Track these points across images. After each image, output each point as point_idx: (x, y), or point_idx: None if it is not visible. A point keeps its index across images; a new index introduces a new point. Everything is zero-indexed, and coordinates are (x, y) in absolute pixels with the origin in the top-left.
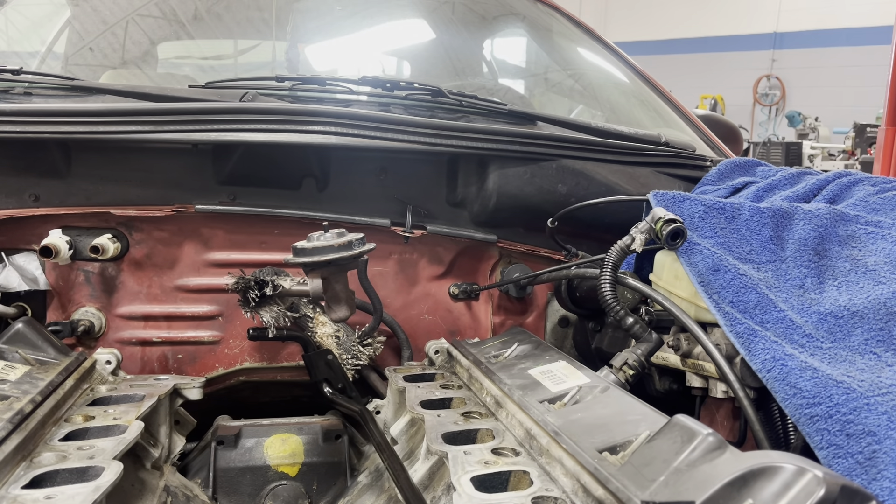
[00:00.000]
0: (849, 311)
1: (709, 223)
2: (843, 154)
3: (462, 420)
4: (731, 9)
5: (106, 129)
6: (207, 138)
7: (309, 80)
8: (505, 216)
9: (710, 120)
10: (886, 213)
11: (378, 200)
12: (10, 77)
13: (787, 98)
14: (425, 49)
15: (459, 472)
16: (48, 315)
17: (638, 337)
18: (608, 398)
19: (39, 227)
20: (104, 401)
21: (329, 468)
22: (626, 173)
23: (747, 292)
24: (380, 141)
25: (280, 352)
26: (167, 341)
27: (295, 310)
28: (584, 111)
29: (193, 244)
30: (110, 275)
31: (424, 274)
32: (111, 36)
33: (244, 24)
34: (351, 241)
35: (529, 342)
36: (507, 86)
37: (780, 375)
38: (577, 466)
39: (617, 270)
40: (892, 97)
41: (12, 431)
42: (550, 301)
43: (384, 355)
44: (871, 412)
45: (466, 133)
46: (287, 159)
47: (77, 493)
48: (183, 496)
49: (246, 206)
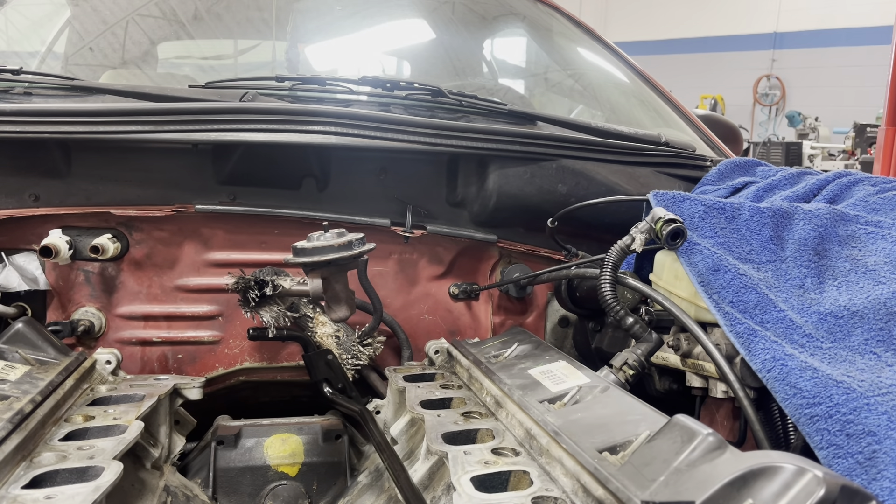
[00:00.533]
0: (849, 311)
1: (709, 223)
2: (843, 154)
3: (462, 420)
4: (731, 9)
5: (106, 129)
6: (207, 138)
7: (309, 80)
8: (505, 216)
9: (710, 120)
10: (886, 213)
11: (378, 200)
12: (10, 77)
13: (787, 98)
14: (425, 49)
15: (459, 472)
16: (48, 315)
17: (638, 337)
18: (608, 398)
19: (39, 227)
20: (104, 401)
21: (329, 468)
22: (626, 173)
23: (747, 292)
24: (380, 141)
25: (280, 352)
26: (167, 341)
27: (295, 310)
28: (584, 111)
29: (193, 244)
30: (110, 275)
31: (424, 274)
32: (111, 36)
33: (244, 24)
34: (351, 241)
35: (529, 342)
36: (507, 86)
37: (780, 375)
38: (577, 466)
39: (617, 270)
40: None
41: (12, 431)
42: (550, 301)
43: (384, 355)
44: (871, 412)
45: (466, 133)
46: (287, 159)
47: (77, 493)
48: (183, 496)
49: (246, 206)
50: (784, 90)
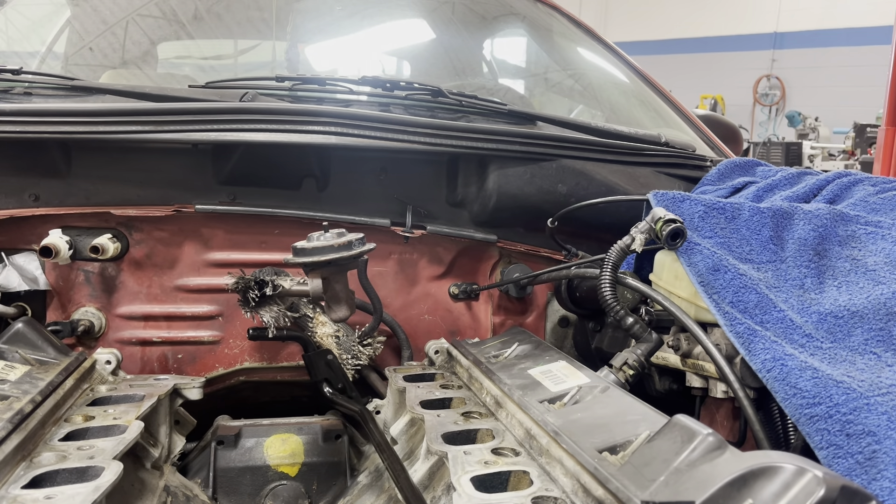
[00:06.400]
0: (849, 311)
1: (709, 223)
2: (843, 154)
3: (462, 420)
4: (731, 9)
5: (106, 129)
6: (207, 138)
7: (309, 80)
8: (505, 216)
9: (710, 120)
10: (886, 213)
11: (378, 200)
12: (10, 77)
13: (787, 98)
14: (425, 49)
15: (459, 472)
16: (48, 315)
17: (638, 337)
18: (608, 398)
19: (39, 227)
20: (104, 401)
21: (329, 468)
22: (626, 173)
23: (747, 292)
24: (380, 141)
25: (280, 352)
26: (167, 341)
27: (295, 310)
28: (584, 111)
29: (193, 244)
30: (110, 275)
31: (424, 274)
32: (111, 36)
33: (244, 24)
34: (351, 241)
35: (529, 342)
36: (507, 86)
37: (780, 375)
38: (577, 466)
39: (617, 270)
40: (892, 97)
41: (12, 431)
42: (550, 301)
43: (384, 355)
44: (871, 412)
45: (466, 133)
46: (287, 159)
47: (77, 493)
48: (183, 496)
49: (246, 206)
50: (784, 90)
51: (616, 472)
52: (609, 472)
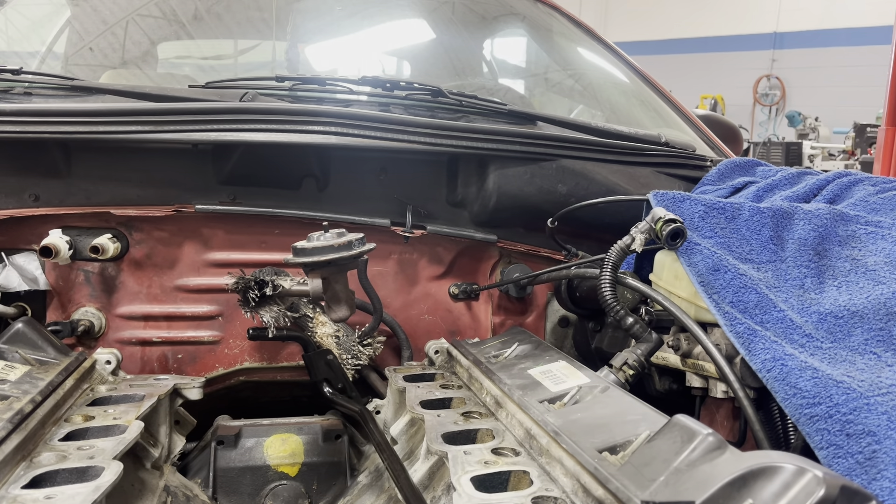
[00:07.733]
0: (849, 311)
1: (709, 223)
2: (843, 154)
3: (462, 420)
4: (731, 9)
5: (106, 129)
6: (207, 138)
7: (309, 80)
8: (505, 216)
9: (710, 120)
10: (886, 213)
11: (378, 200)
12: (10, 77)
13: (787, 98)
14: (425, 49)
15: (459, 471)
16: (48, 315)
17: (638, 337)
18: (608, 398)
19: (39, 227)
20: (104, 401)
21: (329, 468)
22: (626, 173)
23: (747, 292)
24: (380, 141)
25: (280, 352)
26: (167, 341)
27: (295, 310)
28: (584, 111)
29: (193, 244)
30: (110, 275)
31: (424, 274)
32: (111, 36)
33: (244, 24)
34: (351, 241)
35: (529, 342)
36: (507, 86)
37: (780, 375)
38: (577, 466)
39: (617, 270)
40: (892, 97)
41: (12, 431)
42: (550, 301)
43: (384, 355)
44: (871, 412)
45: (466, 133)
46: (287, 159)
47: (77, 493)
48: (183, 496)
49: (246, 206)
50: (784, 90)
51: (616, 472)
52: (609, 472)
